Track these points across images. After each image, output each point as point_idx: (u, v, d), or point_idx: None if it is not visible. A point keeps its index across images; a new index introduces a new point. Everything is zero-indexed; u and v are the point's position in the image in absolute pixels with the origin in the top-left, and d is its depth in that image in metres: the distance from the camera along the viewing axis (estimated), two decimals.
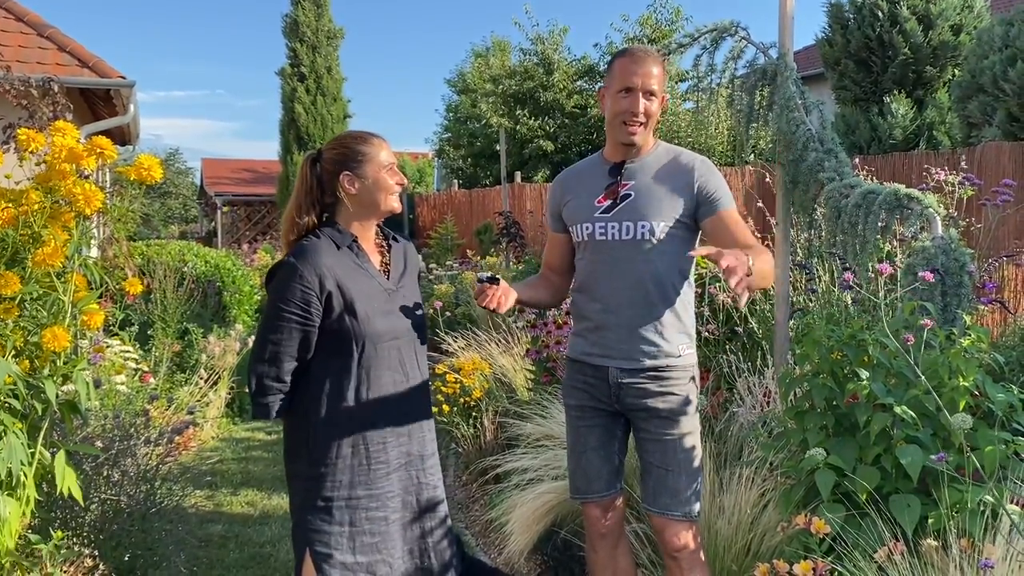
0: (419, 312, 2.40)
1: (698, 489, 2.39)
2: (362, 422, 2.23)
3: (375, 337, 2.23)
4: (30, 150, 2.25)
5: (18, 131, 2.34)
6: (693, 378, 2.43)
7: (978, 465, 2.11)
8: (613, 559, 2.53)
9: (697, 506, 2.38)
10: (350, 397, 2.22)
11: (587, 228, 2.42)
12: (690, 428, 2.39)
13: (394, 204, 2.32)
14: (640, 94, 2.34)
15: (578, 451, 2.51)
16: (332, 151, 2.31)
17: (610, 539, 2.52)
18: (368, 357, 2.23)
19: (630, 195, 2.38)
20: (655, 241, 2.33)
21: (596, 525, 2.51)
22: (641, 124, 2.36)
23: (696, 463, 2.38)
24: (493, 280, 2.31)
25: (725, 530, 2.74)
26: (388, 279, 2.33)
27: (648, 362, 2.36)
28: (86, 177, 2.32)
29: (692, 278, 2.46)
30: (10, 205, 2.19)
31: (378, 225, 2.40)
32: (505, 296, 2.31)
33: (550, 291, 2.61)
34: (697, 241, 2.43)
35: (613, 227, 2.37)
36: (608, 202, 2.39)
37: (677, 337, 2.38)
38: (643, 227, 2.33)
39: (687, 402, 2.38)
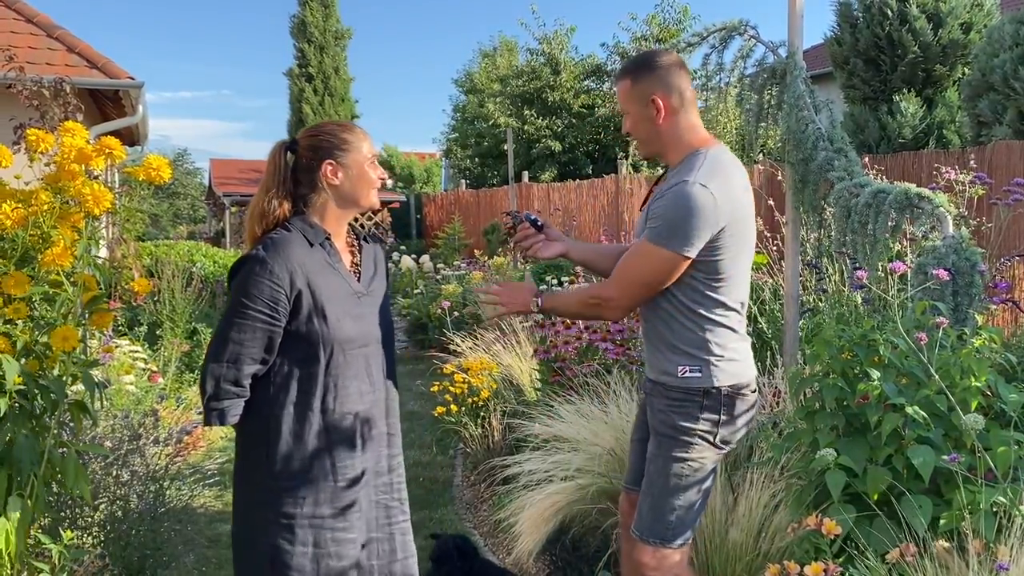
0: (388, 318, 2.26)
1: (666, 519, 2.22)
2: (328, 435, 2.07)
3: (344, 343, 2.08)
4: (40, 150, 2.25)
5: (27, 131, 2.34)
6: (724, 407, 2.22)
7: (991, 465, 2.10)
8: None
9: (661, 535, 2.22)
10: (316, 407, 2.06)
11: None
12: (675, 455, 2.22)
13: (374, 199, 2.18)
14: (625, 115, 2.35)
15: (630, 438, 2.55)
16: (313, 138, 2.15)
17: None
18: (336, 364, 2.07)
19: (651, 206, 2.34)
20: None
21: (624, 517, 2.52)
22: (635, 141, 2.37)
23: (668, 492, 2.22)
24: (537, 226, 2.23)
25: (736, 536, 2.73)
26: (359, 281, 2.18)
27: (655, 376, 2.31)
28: (95, 177, 2.32)
29: (708, 298, 2.22)
30: (20, 205, 2.19)
31: (350, 224, 2.25)
32: (547, 246, 2.30)
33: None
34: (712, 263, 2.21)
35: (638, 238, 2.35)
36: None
37: (675, 357, 2.23)
38: (636, 240, 2.31)
39: (678, 426, 2.21)
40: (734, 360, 2.25)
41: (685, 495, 2.23)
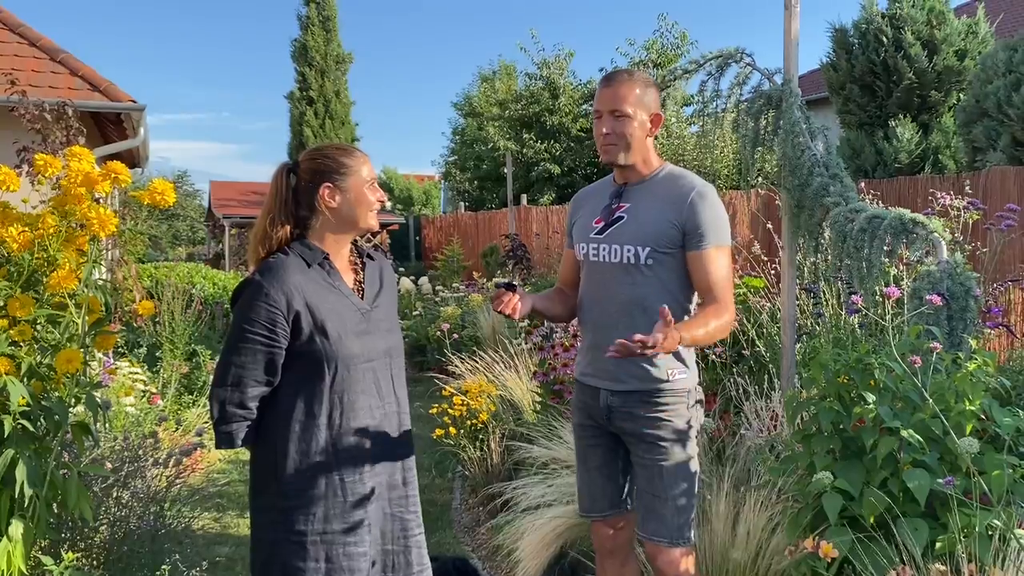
0: (396, 333, 2.29)
1: (689, 516, 2.35)
2: (336, 451, 2.09)
3: (348, 359, 2.10)
4: (47, 175, 2.28)
5: (35, 156, 2.38)
6: (697, 402, 2.41)
7: (986, 489, 2.11)
8: None
9: (688, 533, 2.34)
10: (322, 424, 2.08)
11: (583, 248, 2.47)
12: (681, 455, 2.34)
13: (373, 222, 2.20)
14: (606, 115, 2.35)
15: (582, 470, 2.55)
16: (312, 161, 2.17)
17: (618, 556, 2.54)
18: (341, 381, 2.10)
19: (622, 218, 2.40)
20: (641, 266, 2.34)
21: (603, 542, 2.54)
22: (612, 145, 2.36)
23: (687, 490, 2.34)
24: (510, 286, 2.32)
25: (737, 557, 2.74)
26: (363, 298, 2.21)
27: (636, 385, 2.35)
28: (98, 201, 2.36)
29: (692, 302, 2.43)
30: (27, 229, 2.23)
31: (353, 242, 2.28)
32: (522, 303, 2.34)
33: (564, 305, 2.61)
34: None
35: (603, 248, 2.40)
36: (602, 224, 2.43)
37: (666, 362, 2.35)
38: (628, 251, 2.35)
39: (677, 428, 2.34)
40: (694, 358, 2.46)
41: (696, 489, 2.37)
